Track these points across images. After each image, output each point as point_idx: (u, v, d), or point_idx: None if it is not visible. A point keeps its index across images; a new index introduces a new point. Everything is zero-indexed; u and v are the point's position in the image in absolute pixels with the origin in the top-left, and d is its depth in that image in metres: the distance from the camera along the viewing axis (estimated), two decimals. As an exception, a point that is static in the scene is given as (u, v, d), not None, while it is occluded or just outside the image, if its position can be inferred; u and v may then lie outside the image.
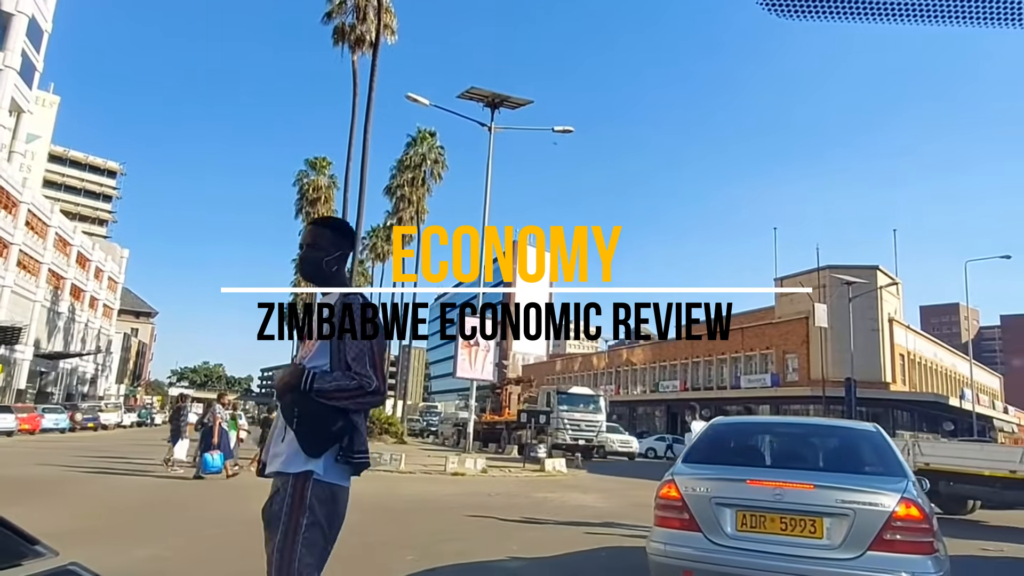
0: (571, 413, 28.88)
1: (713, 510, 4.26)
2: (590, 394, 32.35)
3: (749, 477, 4.36)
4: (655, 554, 4.39)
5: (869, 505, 3.93)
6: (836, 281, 38.31)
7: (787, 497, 4.09)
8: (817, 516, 4.01)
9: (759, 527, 4.13)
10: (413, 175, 49.34)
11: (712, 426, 5.60)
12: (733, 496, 4.26)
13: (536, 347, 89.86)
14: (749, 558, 4.03)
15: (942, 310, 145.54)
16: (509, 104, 23.27)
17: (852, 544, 3.88)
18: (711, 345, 52.65)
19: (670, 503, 4.45)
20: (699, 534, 4.24)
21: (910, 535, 3.84)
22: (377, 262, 64.60)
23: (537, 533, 8.93)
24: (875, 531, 3.86)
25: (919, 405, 42.45)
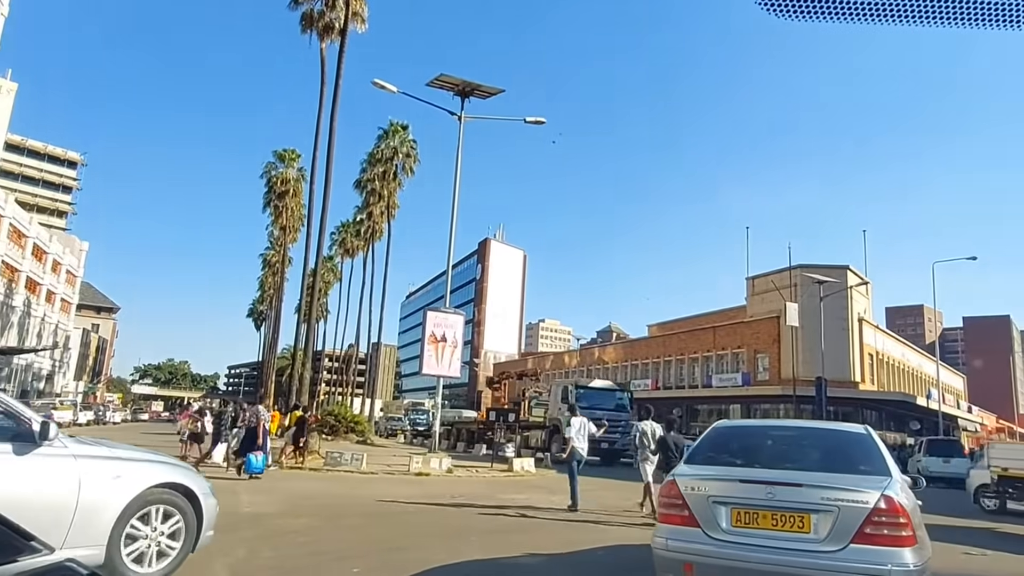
0: (593, 411, 25.37)
1: (710, 507, 4.59)
2: (615, 388, 28.92)
3: (743, 477, 4.72)
4: (658, 548, 4.71)
5: (851, 502, 4.24)
6: (807, 280, 38.37)
7: (778, 495, 4.42)
8: (805, 512, 4.33)
9: (752, 523, 4.46)
10: (384, 169, 48.34)
11: (714, 429, 5.87)
12: (728, 494, 4.59)
13: (508, 345, 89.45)
14: (743, 551, 4.36)
15: (907, 311, 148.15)
16: (480, 93, 22.57)
17: (836, 537, 4.20)
18: (683, 344, 52.59)
19: (672, 501, 4.78)
20: (698, 530, 4.57)
21: (889, 529, 4.15)
22: (347, 258, 63.42)
23: (498, 539, 8.39)
24: (857, 525, 4.17)
25: (887, 404, 42.76)
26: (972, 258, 45.17)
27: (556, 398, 26.89)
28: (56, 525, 4.33)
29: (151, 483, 5.00)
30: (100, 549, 4.59)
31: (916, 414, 42.53)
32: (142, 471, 5.05)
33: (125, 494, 4.79)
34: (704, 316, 55.50)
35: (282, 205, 53.79)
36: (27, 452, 4.36)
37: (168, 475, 5.22)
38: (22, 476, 4.32)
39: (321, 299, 73.69)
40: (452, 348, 20.35)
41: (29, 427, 4.42)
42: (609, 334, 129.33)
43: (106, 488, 4.70)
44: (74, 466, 4.56)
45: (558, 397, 26.61)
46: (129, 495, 4.81)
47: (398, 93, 21.52)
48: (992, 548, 9.56)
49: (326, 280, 72.88)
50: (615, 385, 30.03)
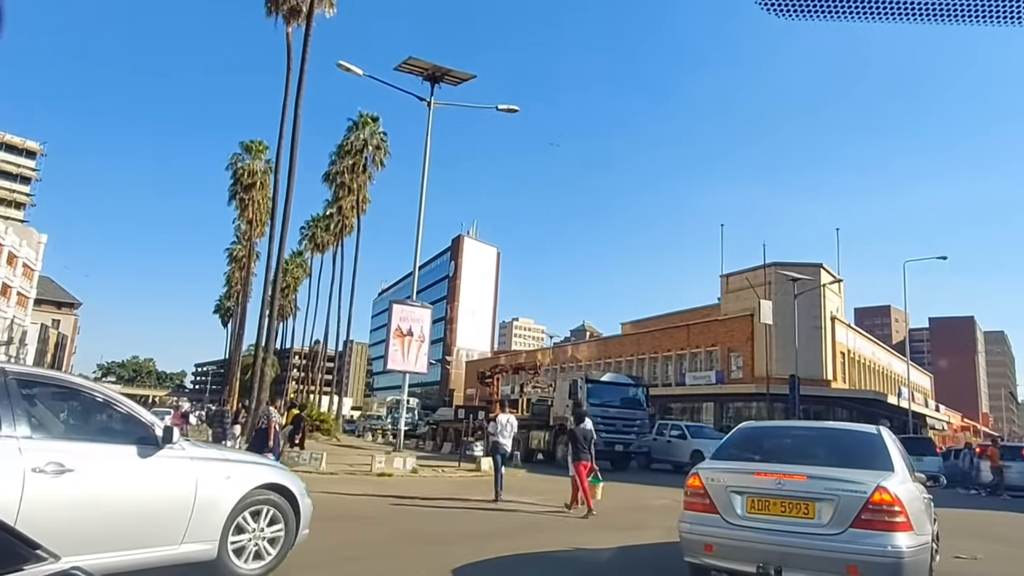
0: (605, 409, 22.79)
1: (728, 496, 5.21)
2: (629, 383, 25.87)
3: (756, 470, 5.36)
4: (684, 532, 5.40)
5: (850, 492, 4.80)
6: (781, 278, 38.17)
7: (786, 486, 5.02)
8: (810, 500, 4.91)
9: (764, 510, 5.06)
10: (353, 161, 47.20)
11: (739, 430, 6.65)
12: (744, 485, 5.23)
13: (481, 343, 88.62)
14: (756, 534, 4.99)
15: (875, 312, 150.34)
16: (450, 79, 21.75)
17: (837, 522, 4.76)
18: (656, 342, 52.25)
19: (695, 491, 5.44)
20: (717, 515, 5.22)
21: (884, 516, 4.67)
22: (317, 253, 62.00)
23: (465, 547, 7.68)
24: (855, 512, 4.73)
25: (858, 403, 42.77)
26: (942, 258, 45.61)
27: (562, 394, 24.37)
28: (177, 522, 4.74)
29: (256, 483, 5.35)
30: (213, 544, 4.95)
31: (886, 412, 42.63)
32: (249, 472, 5.41)
33: (235, 493, 5.15)
34: (678, 314, 55.22)
35: (248, 198, 52.29)
36: (151, 455, 4.68)
37: (271, 476, 5.58)
38: (148, 477, 4.66)
39: (290, 295, 72.21)
40: (419, 343, 19.51)
41: (152, 431, 4.75)
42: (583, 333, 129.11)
43: (219, 488, 5.05)
44: (191, 467, 4.91)
45: (564, 393, 24.02)
46: (238, 494, 5.16)
47: (364, 76, 20.64)
48: (983, 549, 9.06)
49: (295, 276, 71.43)
50: (629, 378, 26.98)
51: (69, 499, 4.19)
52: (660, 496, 15.18)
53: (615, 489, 16.48)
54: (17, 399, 4.18)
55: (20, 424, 4.11)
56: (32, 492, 3.99)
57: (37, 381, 4.62)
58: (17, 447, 4.03)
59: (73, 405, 4.88)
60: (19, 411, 4.15)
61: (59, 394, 4.87)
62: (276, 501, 5.50)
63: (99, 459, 4.48)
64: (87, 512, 4.30)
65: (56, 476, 4.11)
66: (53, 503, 4.09)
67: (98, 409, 4.82)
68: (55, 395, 4.85)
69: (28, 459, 4.03)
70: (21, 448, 4.04)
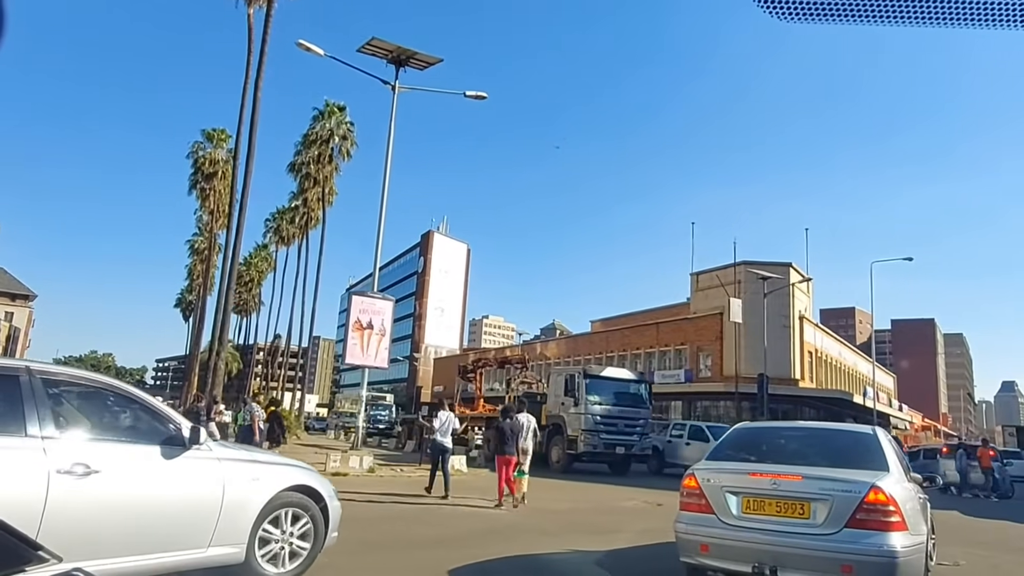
0: (605, 407, 20.89)
1: (724, 497, 5.16)
2: (632, 378, 23.48)
3: (752, 470, 5.33)
4: (679, 532, 5.35)
5: (845, 492, 4.76)
6: (751, 277, 38.04)
7: (782, 486, 4.97)
8: (805, 500, 4.86)
9: (760, 510, 5.01)
10: (319, 152, 45.98)
11: (735, 430, 6.64)
12: (739, 485, 5.18)
13: (450, 340, 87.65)
14: (751, 534, 4.95)
15: (839, 313, 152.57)
16: (416, 62, 20.85)
17: (832, 522, 4.71)
18: (626, 340, 51.93)
19: (691, 491, 5.38)
20: (713, 516, 5.17)
21: (878, 516, 4.63)
22: (282, 246, 60.46)
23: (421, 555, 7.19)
24: (850, 512, 4.68)
25: (825, 402, 42.91)
26: (908, 259, 45.81)
27: (557, 389, 22.14)
28: (204, 524, 4.61)
29: (284, 485, 5.21)
30: (241, 548, 4.82)
31: (852, 412, 42.85)
32: (277, 473, 5.27)
33: (263, 495, 5.00)
34: (648, 312, 54.97)
35: (210, 188, 50.61)
36: (178, 455, 4.56)
37: (299, 478, 5.42)
38: (175, 478, 4.54)
39: (254, 290, 70.48)
40: (380, 336, 18.60)
41: (179, 431, 4.63)
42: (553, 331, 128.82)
43: (246, 489, 4.90)
44: (219, 468, 4.78)
45: (559, 388, 21.88)
46: (266, 496, 5.02)
47: (326, 57, 19.66)
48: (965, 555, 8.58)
49: (260, 270, 69.73)
50: (632, 374, 24.50)
51: (95, 501, 4.09)
52: (629, 497, 14.59)
53: (580, 490, 15.90)
54: (42, 398, 4.08)
55: (45, 424, 4.00)
56: (57, 494, 3.88)
57: (63, 380, 4.44)
58: (42, 447, 3.92)
59: (99, 404, 4.68)
60: (44, 411, 4.04)
61: (85, 393, 4.65)
62: (304, 503, 5.36)
63: (126, 460, 4.38)
64: (113, 514, 4.20)
65: (82, 477, 4.01)
66: (79, 505, 3.98)
67: (124, 408, 4.72)
68: (81, 394, 4.64)
69: (53, 460, 3.92)
70: (46, 449, 3.93)
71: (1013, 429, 54.23)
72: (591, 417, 20.51)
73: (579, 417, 20.56)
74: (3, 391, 4.01)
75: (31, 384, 4.06)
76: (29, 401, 4.00)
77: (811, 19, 2.53)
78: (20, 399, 4.00)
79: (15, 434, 3.90)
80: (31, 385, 4.06)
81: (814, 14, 2.51)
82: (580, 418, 20.53)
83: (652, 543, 8.61)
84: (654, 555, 7.88)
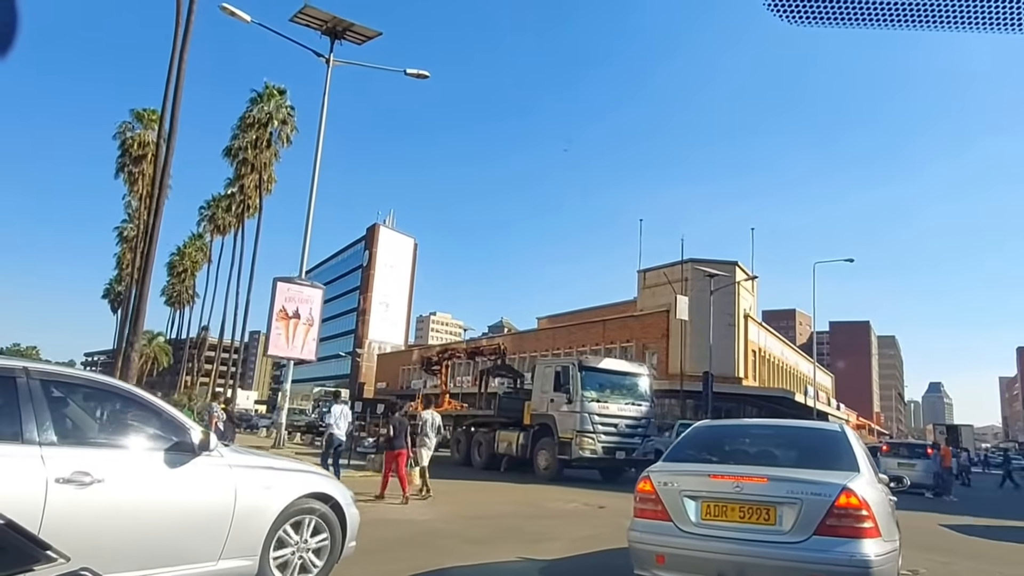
0: (604, 404, 18.16)
1: (682, 501, 4.75)
2: (634, 371, 20.32)
3: (712, 472, 4.92)
4: (633, 541, 4.90)
5: (815, 495, 4.38)
6: (698, 274, 37.93)
7: (746, 489, 4.56)
8: (771, 505, 4.48)
9: (721, 516, 4.61)
10: (257, 136, 43.99)
11: (694, 428, 6.04)
12: (698, 489, 4.77)
13: (395, 335, 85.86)
14: (711, 543, 4.52)
15: (781, 315, 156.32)
16: (354, 35, 19.57)
17: (800, 529, 4.34)
18: (572, 336, 51.39)
19: (646, 496, 4.95)
20: (670, 523, 4.75)
21: (851, 521, 4.28)
22: (217, 235, 57.92)
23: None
24: (820, 517, 4.31)
25: (767, 400, 43.18)
26: (849, 260, 46.52)
27: (544, 384, 19.23)
28: (215, 536, 4.34)
29: (300, 492, 4.96)
30: (254, 560, 4.57)
31: (793, 410, 43.18)
32: (291, 480, 5.02)
33: (277, 504, 4.75)
34: (595, 309, 54.63)
35: (139, 171, 48.05)
36: (187, 462, 4.29)
37: (315, 484, 5.17)
38: (183, 487, 4.27)
39: (187, 281, 67.51)
40: (307, 327, 17.29)
41: (188, 436, 4.35)
42: (501, 329, 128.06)
43: (260, 498, 4.64)
44: (230, 476, 4.51)
45: (547, 383, 19.02)
46: (281, 505, 4.77)
47: (252, 23, 18.20)
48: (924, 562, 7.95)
49: (194, 260, 66.77)
50: (635, 366, 21.22)
51: (97, 512, 3.82)
52: (569, 499, 13.68)
53: (509, 491, 14.88)
54: (40, 402, 3.80)
55: (44, 430, 3.75)
56: (56, 504, 3.62)
57: (63, 382, 4.15)
58: (40, 455, 3.67)
59: (103, 408, 4.48)
60: (43, 415, 3.78)
61: (88, 396, 4.40)
62: (321, 511, 5.09)
63: (130, 468, 4.11)
64: (117, 526, 3.91)
65: (83, 487, 3.75)
66: (79, 516, 3.71)
67: (130, 412, 4.44)
68: (83, 397, 4.38)
69: (52, 468, 3.68)
70: (44, 456, 3.68)
71: (943, 428, 55.97)
72: (588, 416, 17.71)
73: (573, 416, 17.77)
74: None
75: (28, 386, 3.76)
76: (26, 405, 3.73)
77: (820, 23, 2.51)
78: (16, 402, 3.70)
79: (11, 441, 3.62)
80: (28, 387, 3.76)
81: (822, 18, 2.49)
82: (574, 418, 17.73)
83: (595, 551, 7.79)
84: (598, 568, 7.07)
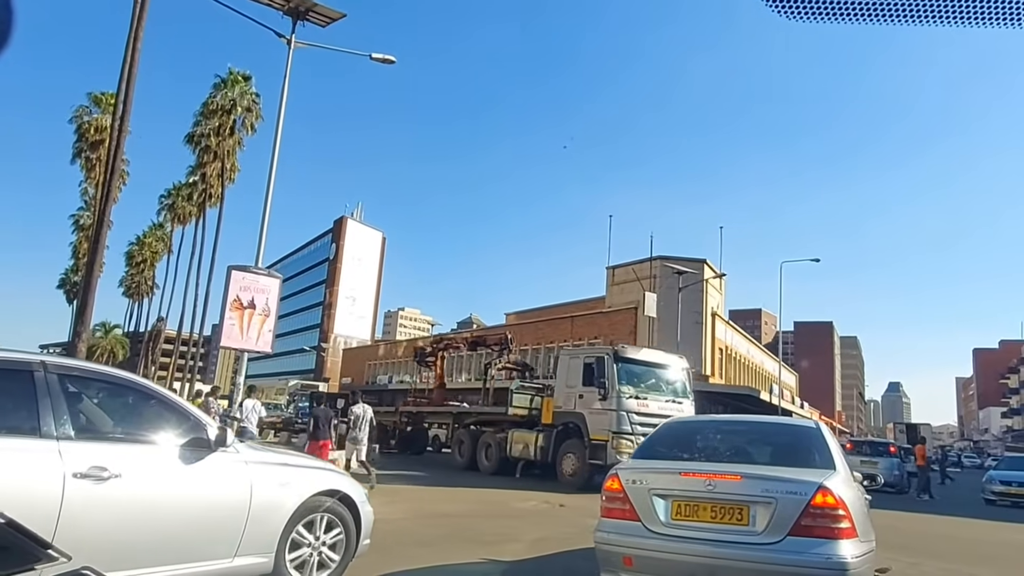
0: (643, 401, 15.67)
1: (651, 501, 4.57)
2: (674, 364, 17.67)
3: (683, 469, 4.71)
4: (600, 543, 4.72)
5: (789, 494, 4.22)
6: (667, 272, 37.94)
7: (718, 488, 4.39)
8: (744, 504, 4.31)
9: (692, 515, 4.45)
10: (220, 123, 42.71)
11: (665, 425, 6.01)
12: (669, 487, 4.59)
13: (361, 330, 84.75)
14: (682, 544, 4.35)
15: (746, 314, 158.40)
16: (316, 16, 18.77)
17: (774, 529, 4.17)
18: (539, 332, 51.07)
19: (614, 495, 4.77)
20: (638, 523, 4.57)
21: (826, 521, 4.12)
22: (178, 225, 56.29)
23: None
24: (795, 517, 4.14)
25: (733, 398, 43.35)
26: (815, 260, 47.10)
27: (570, 378, 16.79)
28: (231, 533, 4.33)
29: (315, 490, 4.93)
30: (269, 558, 4.55)
31: (758, 408, 43.42)
32: (307, 477, 4.99)
33: (293, 501, 4.73)
34: (563, 305, 54.44)
35: (96, 158, 46.26)
36: (203, 458, 4.28)
37: (330, 481, 5.12)
38: (200, 483, 4.26)
39: (146, 271, 65.71)
40: (263, 318, 16.52)
41: (205, 432, 4.36)
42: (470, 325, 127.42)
43: (276, 495, 4.63)
44: (246, 472, 4.50)
45: (575, 376, 16.58)
46: (296, 502, 4.74)
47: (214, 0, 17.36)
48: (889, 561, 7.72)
49: (153, 250, 64.97)
50: (674, 358, 18.26)
51: (114, 507, 3.78)
52: (525, 497, 13.29)
53: (462, 489, 14.46)
54: (58, 396, 3.76)
55: (61, 424, 3.70)
56: (73, 499, 3.56)
57: (81, 376, 4.12)
58: (57, 449, 3.62)
59: (119, 402, 4.43)
60: (60, 410, 3.73)
61: (105, 390, 4.36)
62: (336, 508, 5.08)
63: (147, 463, 4.11)
64: (134, 522, 3.89)
65: (100, 481, 3.70)
66: (96, 512, 3.66)
67: (147, 407, 4.39)
68: (100, 391, 4.34)
69: (69, 463, 3.62)
70: (61, 451, 3.63)
71: (903, 426, 56.93)
72: (626, 415, 15.29)
73: (608, 415, 15.41)
74: (16, 388, 3.68)
75: (46, 380, 3.74)
76: (44, 399, 3.70)
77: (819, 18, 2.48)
78: (34, 397, 3.68)
79: (29, 435, 3.60)
80: (46, 381, 3.73)
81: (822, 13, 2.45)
82: (610, 416, 15.37)
83: (556, 552, 7.43)
84: (563, 569, 6.74)
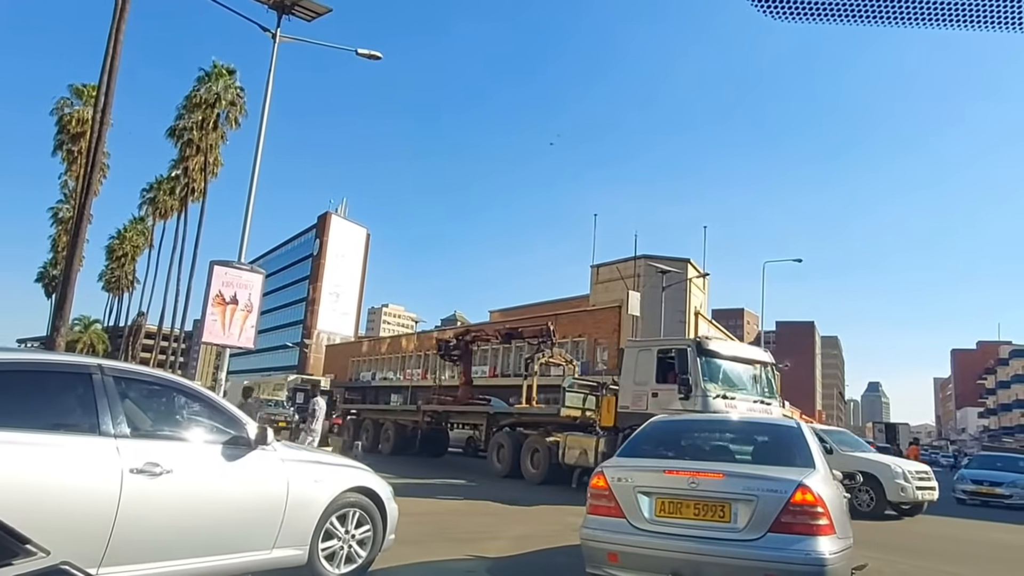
0: (731, 402, 13.24)
1: (635, 498, 4.69)
2: (762, 359, 14.89)
3: (667, 468, 4.84)
4: (586, 539, 4.83)
5: (770, 491, 4.34)
6: (650, 271, 38.15)
7: (701, 485, 4.53)
8: (726, 502, 4.44)
9: (675, 513, 4.57)
10: (204, 116, 42.33)
11: (650, 423, 5.95)
12: (653, 485, 4.72)
13: (345, 327, 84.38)
14: (665, 540, 4.48)
15: (729, 314, 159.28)
16: (302, 11, 18.61)
17: (755, 526, 4.29)
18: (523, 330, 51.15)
19: (599, 492, 4.89)
20: (623, 520, 4.69)
21: (805, 518, 4.23)
22: (159, 219, 55.68)
23: None
24: (775, 514, 4.27)
25: (715, 397, 43.76)
26: (798, 260, 47.49)
27: (641, 374, 14.36)
28: (270, 526, 4.56)
29: (346, 486, 5.17)
30: (304, 550, 4.77)
31: (740, 407, 43.91)
32: (338, 474, 5.23)
33: (325, 496, 4.96)
34: (547, 304, 54.51)
35: (77, 150, 45.67)
36: (244, 455, 4.51)
37: (359, 479, 5.37)
38: (242, 479, 4.48)
39: (127, 266, 65.05)
40: (245, 313, 16.37)
41: (246, 432, 4.59)
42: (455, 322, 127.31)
43: (310, 490, 4.85)
44: (283, 469, 4.72)
45: (647, 373, 14.20)
46: (328, 498, 4.98)
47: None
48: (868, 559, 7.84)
49: (135, 244, 64.30)
50: (763, 354, 15.44)
51: (167, 501, 4.00)
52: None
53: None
54: (114, 397, 3.99)
55: (118, 423, 3.93)
56: (130, 493, 3.77)
57: (133, 378, 4.34)
58: (115, 447, 3.83)
59: (168, 403, 4.61)
60: (116, 409, 3.96)
61: (155, 391, 4.58)
62: (364, 504, 5.32)
63: (196, 460, 4.32)
64: (184, 514, 4.09)
65: (154, 477, 3.91)
66: (152, 505, 3.88)
67: (193, 407, 4.63)
68: (151, 392, 4.54)
69: (126, 459, 3.84)
70: (119, 448, 3.84)
71: (882, 425, 57.72)
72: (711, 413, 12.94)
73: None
74: (76, 389, 3.88)
75: (103, 382, 3.95)
76: (102, 400, 3.91)
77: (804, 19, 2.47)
78: (93, 398, 3.89)
79: (89, 433, 3.80)
80: (103, 383, 3.95)
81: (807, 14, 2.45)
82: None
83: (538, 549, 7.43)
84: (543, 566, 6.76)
